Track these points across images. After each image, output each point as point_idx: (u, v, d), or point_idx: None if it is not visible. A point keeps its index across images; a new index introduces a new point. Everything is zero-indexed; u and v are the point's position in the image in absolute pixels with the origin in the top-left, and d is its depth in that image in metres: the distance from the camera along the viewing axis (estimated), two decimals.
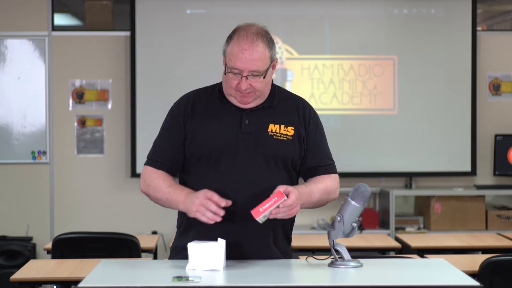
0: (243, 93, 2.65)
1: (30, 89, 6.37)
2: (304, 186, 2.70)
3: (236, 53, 2.62)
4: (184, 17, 6.30)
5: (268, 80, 2.69)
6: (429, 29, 6.39)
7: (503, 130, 6.49)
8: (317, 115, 2.85)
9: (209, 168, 2.69)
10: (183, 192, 2.65)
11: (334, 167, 2.83)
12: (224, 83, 2.72)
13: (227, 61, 2.66)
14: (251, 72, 2.62)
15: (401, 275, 2.48)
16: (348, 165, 6.30)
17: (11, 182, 6.37)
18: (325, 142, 2.84)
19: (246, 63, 2.61)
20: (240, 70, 2.62)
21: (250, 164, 2.67)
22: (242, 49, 2.61)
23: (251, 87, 2.64)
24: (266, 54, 2.64)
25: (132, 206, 6.29)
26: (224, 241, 2.48)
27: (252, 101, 2.70)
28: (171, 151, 2.74)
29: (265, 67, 2.64)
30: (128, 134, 6.36)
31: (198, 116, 2.73)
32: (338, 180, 2.82)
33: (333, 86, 6.37)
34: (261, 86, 2.66)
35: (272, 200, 2.52)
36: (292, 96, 2.85)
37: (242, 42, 2.62)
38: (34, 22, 6.35)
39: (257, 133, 2.70)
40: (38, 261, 4.23)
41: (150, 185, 2.73)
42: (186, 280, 2.33)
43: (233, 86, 2.66)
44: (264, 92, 2.71)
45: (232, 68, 2.64)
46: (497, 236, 5.26)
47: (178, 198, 2.65)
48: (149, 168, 2.76)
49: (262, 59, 2.63)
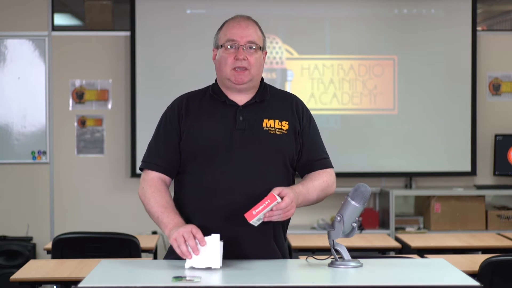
0: (238, 71, 2.70)
1: (30, 89, 6.37)
2: (301, 186, 2.71)
3: (231, 27, 2.74)
4: (184, 17, 6.30)
5: (261, 62, 2.76)
6: (429, 29, 6.39)
7: (503, 130, 6.50)
8: (310, 111, 2.88)
9: (205, 166, 2.69)
10: (173, 220, 2.61)
11: (329, 161, 2.84)
12: (219, 67, 2.76)
13: (221, 39, 2.74)
14: (247, 43, 2.71)
15: (401, 275, 2.48)
16: (348, 165, 6.30)
17: (11, 182, 6.37)
18: (319, 137, 2.86)
19: (242, 34, 2.72)
20: (237, 41, 2.71)
21: (246, 160, 2.68)
22: (237, 23, 2.75)
23: (247, 60, 2.70)
24: (259, 34, 2.77)
25: (132, 206, 6.28)
26: (218, 235, 2.48)
27: (247, 81, 2.72)
28: (167, 153, 2.74)
29: (260, 43, 2.75)
30: (128, 134, 6.36)
31: (192, 115, 2.74)
32: (334, 174, 2.84)
33: (333, 86, 6.38)
34: (256, 62, 2.72)
35: (265, 202, 2.53)
36: (284, 93, 2.89)
37: (237, 20, 2.77)
38: (34, 22, 6.36)
39: (252, 129, 2.72)
40: (38, 261, 4.23)
41: (146, 195, 2.71)
42: (186, 280, 2.33)
43: (229, 63, 2.71)
44: (257, 73, 2.75)
45: (228, 41, 2.72)
46: (497, 236, 5.26)
47: (167, 223, 2.62)
48: (150, 174, 2.74)
49: (256, 34, 2.75)
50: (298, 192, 2.65)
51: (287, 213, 2.56)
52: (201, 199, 2.69)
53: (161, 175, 2.75)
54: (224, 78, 2.74)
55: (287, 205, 2.55)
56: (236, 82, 2.71)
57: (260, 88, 2.79)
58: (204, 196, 2.68)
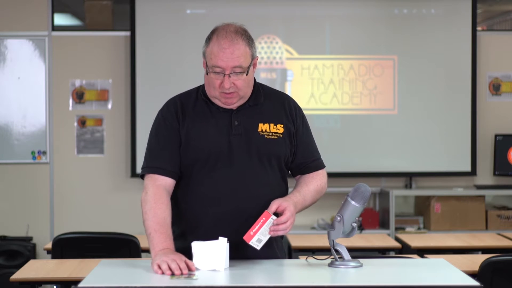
0: (226, 93, 2.65)
1: (30, 89, 6.37)
2: (297, 193, 2.72)
3: (217, 52, 2.62)
4: (184, 17, 6.30)
5: (250, 78, 2.69)
6: (429, 29, 6.39)
7: (503, 130, 6.49)
8: (302, 110, 2.86)
9: (204, 172, 2.68)
10: (162, 244, 2.56)
11: (321, 162, 2.86)
12: (207, 85, 2.71)
13: (208, 61, 2.66)
14: (233, 69, 2.62)
15: (401, 275, 2.48)
16: (348, 165, 6.30)
17: (11, 182, 6.37)
18: (311, 136, 2.86)
19: (227, 61, 2.61)
20: (222, 68, 2.62)
21: (245, 165, 2.68)
22: (222, 48, 2.62)
23: (234, 85, 2.63)
24: (246, 51, 2.64)
25: (132, 206, 6.28)
26: (226, 239, 2.49)
27: (236, 102, 2.69)
28: (171, 155, 2.70)
29: (247, 64, 2.64)
30: (128, 134, 6.36)
31: (189, 120, 2.71)
32: (326, 174, 2.85)
33: (333, 86, 6.37)
34: (244, 84, 2.66)
35: (261, 221, 2.55)
36: (277, 93, 2.85)
37: (222, 41, 2.63)
38: (34, 22, 6.36)
39: (248, 133, 2.70)
40: (38, 261, 4.22)
41: (147, 204, 2.63)
42: (183, 278, 2.33)
43: (216, 86, 2.65)
44: (247, 92, 2.70)
45: (214, 66, 2.63)
46: (497, 236, 5.26)
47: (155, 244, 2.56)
48: (156, 181, 2.67)
49: (243, 55, 2.63)
50: (296, 201, 2.68)
51: (290, 225, 2.59)
52: (203, 205, 2.68)
53: (167, 180, 2.68)
54: (213, 97, 2.70)
55: (288, 219, 2.58)
56: (225, 104, 2.69)
57: (253, 91, 2.76)
58: (206, 202, 2.67)
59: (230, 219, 2.64)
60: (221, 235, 2.53)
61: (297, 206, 2.66)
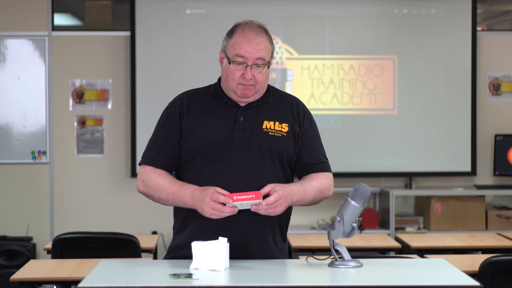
0: (245, 85, 2.69)
1: (30, 89, 6.37)
2: (298, 184, 2.72)
3: (242, 42, 2.68)
4: (184, 17, 6.30)
5: (268, 74, 2.75)
6: (429, 29, 6.39)
7: (503, 130, 6.50)
8: (311, 114, 2.87)
9: (204, 165, 2.70)
10: (187, 193, 2.65)
11: (328, 165, 2.85)
12: (224, 78, 2.75)
13: (230, 52, 2.70)
14: (256, 61, 2.67)
15: (401, 275, 2.48)
16: (348, 165, 6.30)
17: (11, 182, 6.37)
18: (319, 141, 2.86)
19: (252, 52, 2.67)
20: (246, 58, 2.67)
21: (245, 160, 2.69)
22: (248, 38, 2.68)
23: (254, 78, 2.68)
24: (269, 46, 2.73)
25: (132, 206, 6.29)
26: (226, 239, 2.49)
27: (252, 95, 2.73)
28: (167, 148, 2.75)
29: (268, 58, 2.71)
30: (128, 134, 6.36)
31: (193, 113, 2.75)
32: (332, 178, 2.84)
33: (333, 86, 6.37)
34: (263, 78, 2.71)
35: (249, 195, 2.56)
36: (287, 95, 2.89)
37: (248, 33, 2.70)
38: (34, 22, 6.35)
39: (252, 130, 2.72)
40: (38, 261, 4.23)
41: (150, 185, 2.73)
42: (183, 277, 2.33)
43: (236, 78, 2.69)
44: (263, 87, 2.75)
45: (237, 56, 2.68)
46: (497, 236, 5.26)
47: (184, 199, 2.65)
48: (147, 167, 2.76)
49: (266, 49, 2.71)
50: (295, 190, 2.67)
51: (274, 210, 2.59)
52: None
53: (160, 171, 2.74)
54: (230, 90, 2.74)
55: (275, 201, 2.57)
56: (242, 96, 2.72)
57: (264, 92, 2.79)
58: None
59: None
60: (214, 228, 2.56)
61: (295, 196, 2.66)
